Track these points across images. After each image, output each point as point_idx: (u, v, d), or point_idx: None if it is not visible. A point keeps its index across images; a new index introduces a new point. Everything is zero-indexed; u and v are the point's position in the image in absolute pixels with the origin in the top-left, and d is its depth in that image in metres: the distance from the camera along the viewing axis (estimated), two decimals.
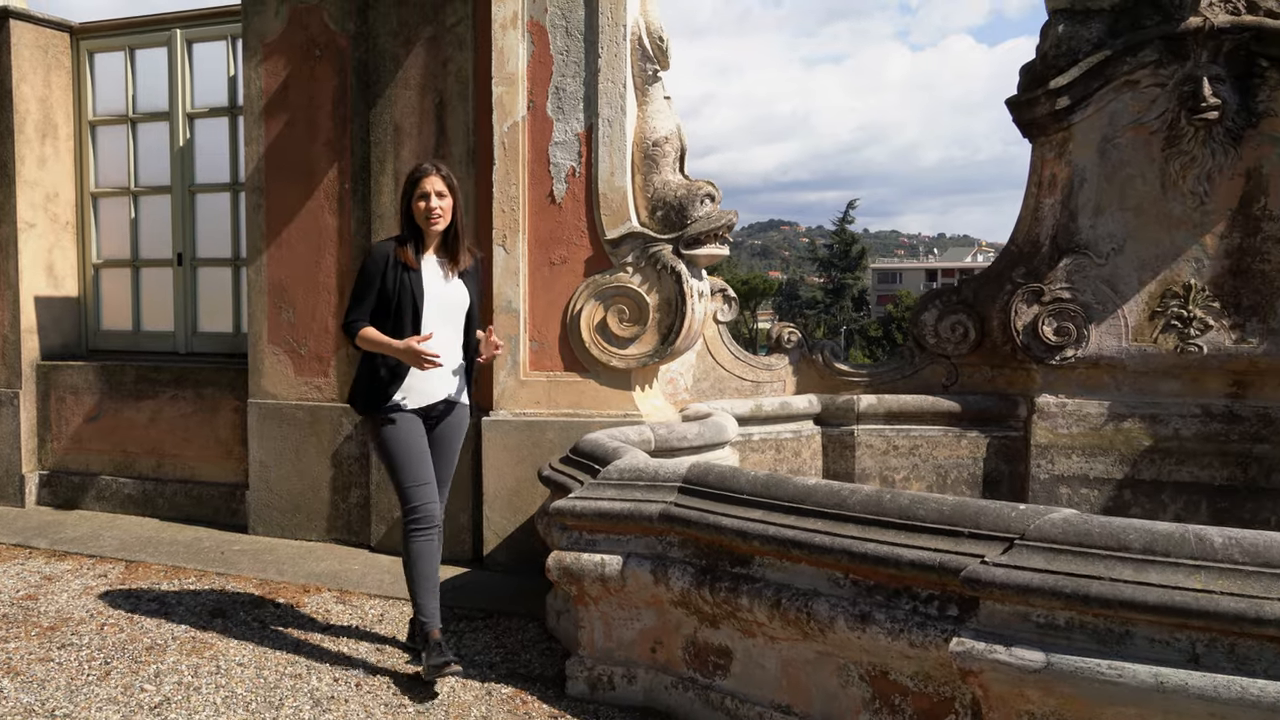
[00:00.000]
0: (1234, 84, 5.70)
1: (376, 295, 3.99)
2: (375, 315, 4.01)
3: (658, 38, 5.41)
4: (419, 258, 4.04)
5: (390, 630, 4.66)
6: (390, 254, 4.03)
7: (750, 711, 3.54)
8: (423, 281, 4.01)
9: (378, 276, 3.99)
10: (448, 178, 4.06)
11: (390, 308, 3.99)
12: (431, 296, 4.02)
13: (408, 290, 3.98)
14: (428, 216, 4.01)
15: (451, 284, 4.10)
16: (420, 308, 3.98)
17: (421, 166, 4.10)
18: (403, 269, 4.00)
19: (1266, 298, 5.70)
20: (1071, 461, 6.06)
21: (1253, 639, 2.64)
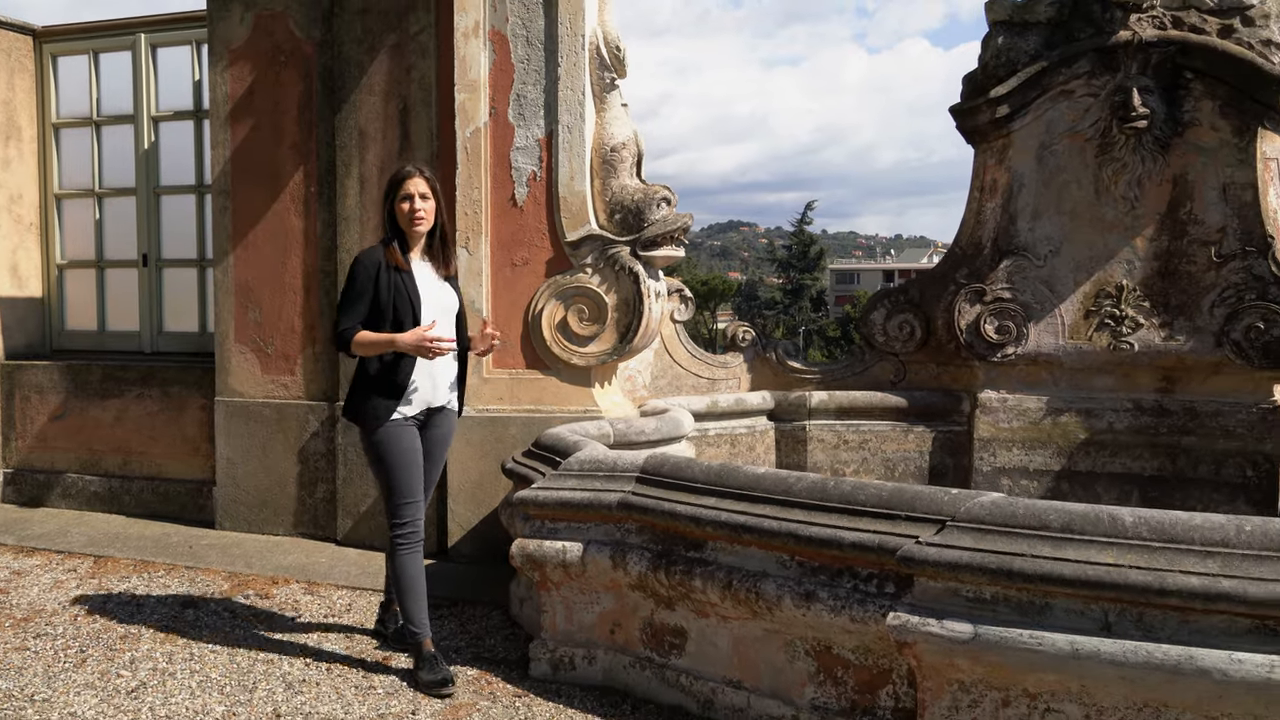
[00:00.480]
0: (1162, 95, 6.00)
1: (370, 301, 3.96)
2: (369, 321, 3.98)
3: (615, 47, 5.62)
4: (407, 259, 4.04)
5: (358, 619, 4.82)
6: (380, 259, 4.01)
7: (704, 687, 3.76)
8: (416, 283, 4.02)
9: (370, 282, 3.96)
10: (431, 180, 4.08)
11: (386, 312, 3.96)
12: (428, 297, 4.04)
13: (403, 292, 3.97)
14: (411, 218, 4.01)
15: (443, 286, 4.13)
16: (419, 309, 3.98)
17: (404, 169, 4.10)
18: (395, 272, 3.99)
19: (1193, 297, 6.01)
20: (1012, 454, 6.34)
21: (1158, 608, 2.89)
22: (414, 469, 4.07)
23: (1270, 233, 5.82)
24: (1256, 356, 5.82)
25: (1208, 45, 5.86)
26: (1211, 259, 5.95)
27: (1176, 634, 2.87)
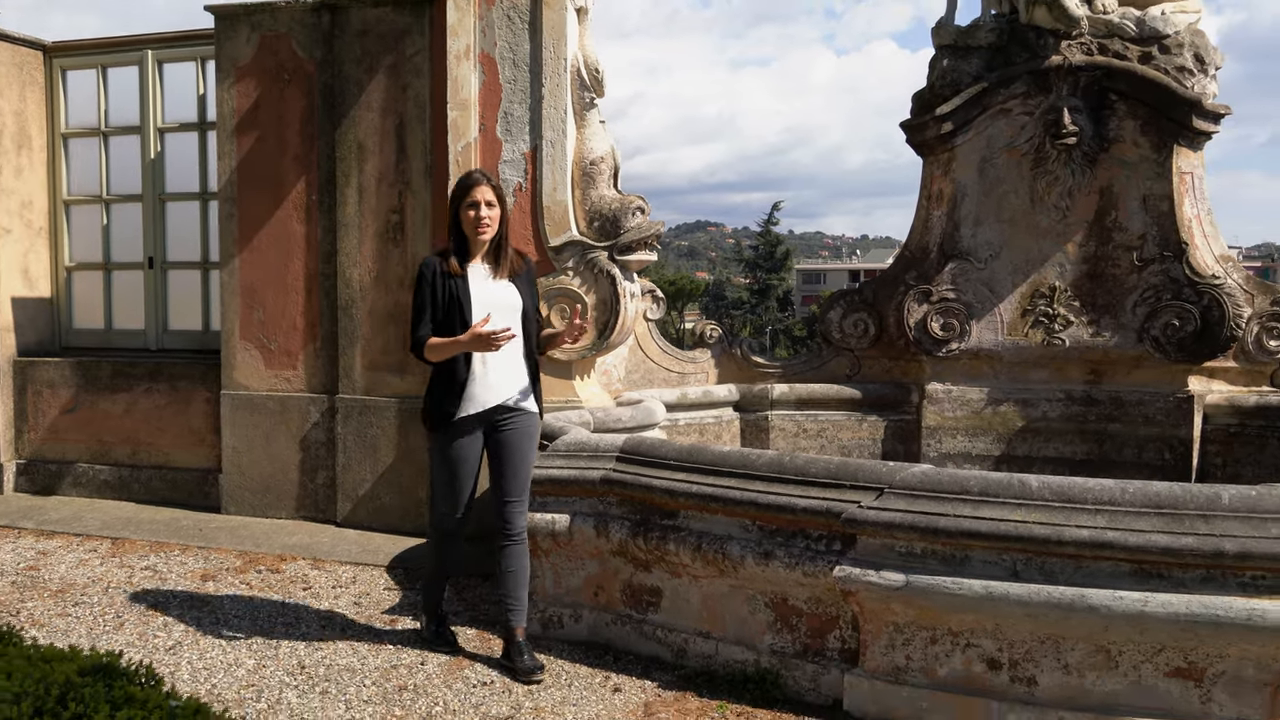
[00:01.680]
0: (1089, 114, 6.61)
1: (433, 307, 4.11)
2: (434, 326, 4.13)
3: (594, 69, 6.15)
4: (465, 266, 4.15)
5: (363, 590, 5.33)
6: (436, 266, 4.14)
7: (677, 639, 4.31)
8: (469, 286, 4.13)
9: (428, 290, 4.12)
10: (497, 188, 4.18)
11: (440, 316, 4.11)
12: (479, 298, 4.12)
13: (454, 297, 4.10)
14: (476, 225, 4.12)
15: (500, 285, 4.19)
16: (467, 310, 4.09)
17: (471, 175, 4.20)
18: (448, 277, 4.12)
19: (1117, 297, 6.63)
20: (957, 441, 6.94)
21: (1056, 556, 3.48)
22: (465, 473, 4.21)
23: (1184, 239, 6.45)
24: (1173, 351, 6.45)
25: (1130, 70, 6.49)
26: (1134, 263, 6.58)
27: (1072, 577, 3.45)
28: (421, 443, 6.24)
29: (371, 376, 6.39)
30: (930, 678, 3.69)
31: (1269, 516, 3.34)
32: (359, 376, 6.41)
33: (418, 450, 6.26)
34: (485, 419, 4.20)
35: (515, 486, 4.27)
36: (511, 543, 4.26)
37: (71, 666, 2.29)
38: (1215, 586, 3.33)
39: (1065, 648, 3.51)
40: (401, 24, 6.21)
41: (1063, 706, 3.50)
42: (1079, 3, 6.64)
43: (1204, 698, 3.38)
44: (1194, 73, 6.49)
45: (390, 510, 6.36)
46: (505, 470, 4.25)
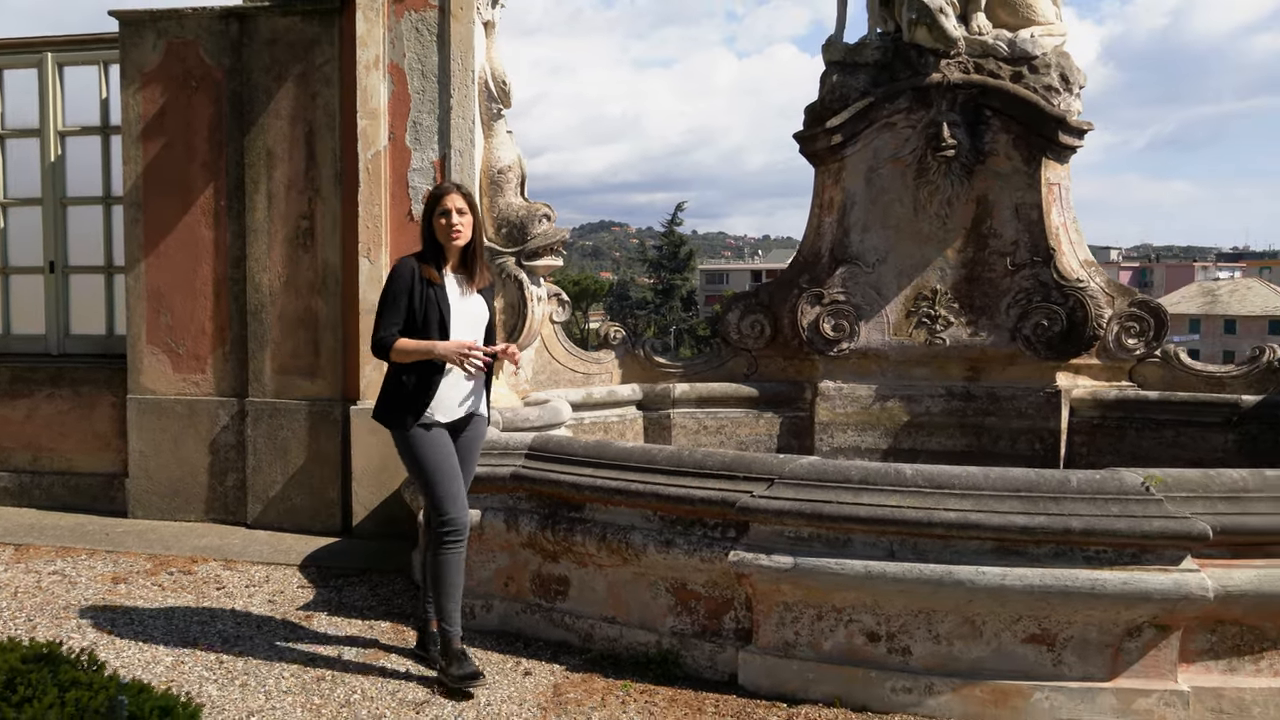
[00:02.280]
0: (967, 128, 7.07)
1: (405, 310, 4.10)
2: (406, 327, 4.11)
3: (501, 82, 6.37)
4: (440, 273, 4.17)
5: (277, 588, 5.46)
6: (414, 270, 4.13)
7: (584, 625, 4.56)
8: (447, 295, 4.14)
9: (404, 293, 4.09)
10: (468, 196, 4.20)
11: (418, 321, 4.09)
12: (457, 309, 4.16)
13: (434, 304, 4.09)
14: (449, 232, 4.13)
15: (471, 299, 4.23)
16: (448, 320, 4.10)
17: (443, 185, 4.25)
18: (427, 284, 4.11)
19: (993, 300, 7.11)
20: (847, 435, 7.34)
21: (927, 537, 3.84)
22: (449, 467, 4.17)
23: (1053, 246, 6.96)
24: (1042, 349, 6.95)
25: (1002, 88, 6.97)
26: (1007, 267, 7.07)
27: (941, 556, 3.82)
28: (333, 444, 6.39)
29: (282, 380, 6.49)
30: (817, 651, 4.02)
31: (1109, 498, 3.75)
32: (269, 380, 6.51)
33: (329, 452, 6.39)
34: (452, 425, 4.23)
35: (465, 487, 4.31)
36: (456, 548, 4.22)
37: (14, 656, 2.43)
38: (1064, 560, 3.73)
39: (936, 620, 3.87)
40: (310, 34, 6.34)
41: (934, 673, 3.87)
42: (957, 24, 7.10)
43: (1055, 660, 3.78)
44: (1060, 91, 7.00)
45: (301, 511, 6.47)
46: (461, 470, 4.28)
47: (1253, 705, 3.73)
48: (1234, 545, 3.71)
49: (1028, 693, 3.78)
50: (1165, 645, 3.74)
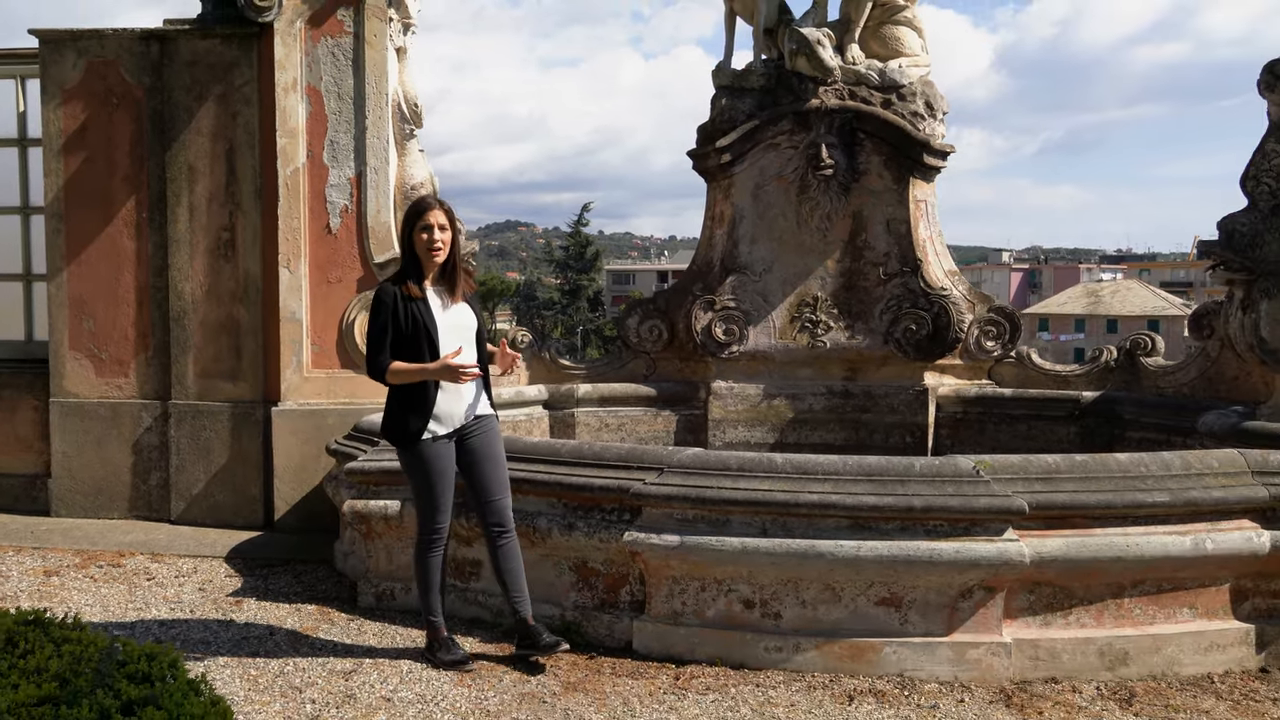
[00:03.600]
0: (844, 149, 7.75)
1: (394, 331, 4.26)
2: (397, 349, 4.27)
3: (414, 104, 6.82)
4: (421, 288, 4.32)
5: (205, 578, 5.83)
6: (396, 291, 4.28)
7: (496, 602, 5.05)
8: (432, 309, 4.30)
9: (390, 315, 4.25)
10: (449, 212, 4.34)
11: (405, 340, 4.25)
12: (442, 321, 4.31)
13: (419, 320, 4.24)
14: (429, 247, 4.27)
15: (455, 308, 4.38)
16: (434, 333, 4.27)
17: (424, 200, 4.38)
18: (409, 301, 4.26)
19: (868, 306, 7.80)
20: (738, 431, 7.96)
21: (795, 516, 4.44)
22: (444, 483, 4.38)
23: (920, 257, 7.68)
24: (911, 350, 7.67)
25: (874, 114, 7.66)
26: (880, 276, 7.76)
27: (806, 532, 4.43)
28: (255, 444, 6.76)
29: (204, 383, 6.84)
30: (701, 619, 4.60)
31: (946, 480, 4.42)
32: (192, 383, 6.84)
33: (251, 451, 6.77)
34: (456, 434, 4.42)
35: (496, 485, 4.49)
36: (506, 540, 4.48)
37: (8, 620, 2.85)
38: (908, 534, 4.37)
39: (802, 588, 4.48)
40: (230, 56, 6.70)
41: (801, 633, 4.47)
42: (833, 54, 7.77)
43: (902, 620, 4.42)
44: (925, 117, 7.73)
45: (224, 507, 6.83)
46: (484, 472, 4.47)
47: (1062, 653, 4.42)
48: (1047, 518, 4.40)
49: (879, 648, 4.41)
50: (992, 604, 4.41)
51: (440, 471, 4.37)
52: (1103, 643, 4.44)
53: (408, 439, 4.34)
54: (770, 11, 8.05)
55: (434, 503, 4.41)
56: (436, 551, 4.49)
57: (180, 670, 2.57)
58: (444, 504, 4.43)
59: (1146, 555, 4.40)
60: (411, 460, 4.39)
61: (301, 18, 6.56)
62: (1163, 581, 4.51)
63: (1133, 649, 4.45)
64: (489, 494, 4.49)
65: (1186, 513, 4.47)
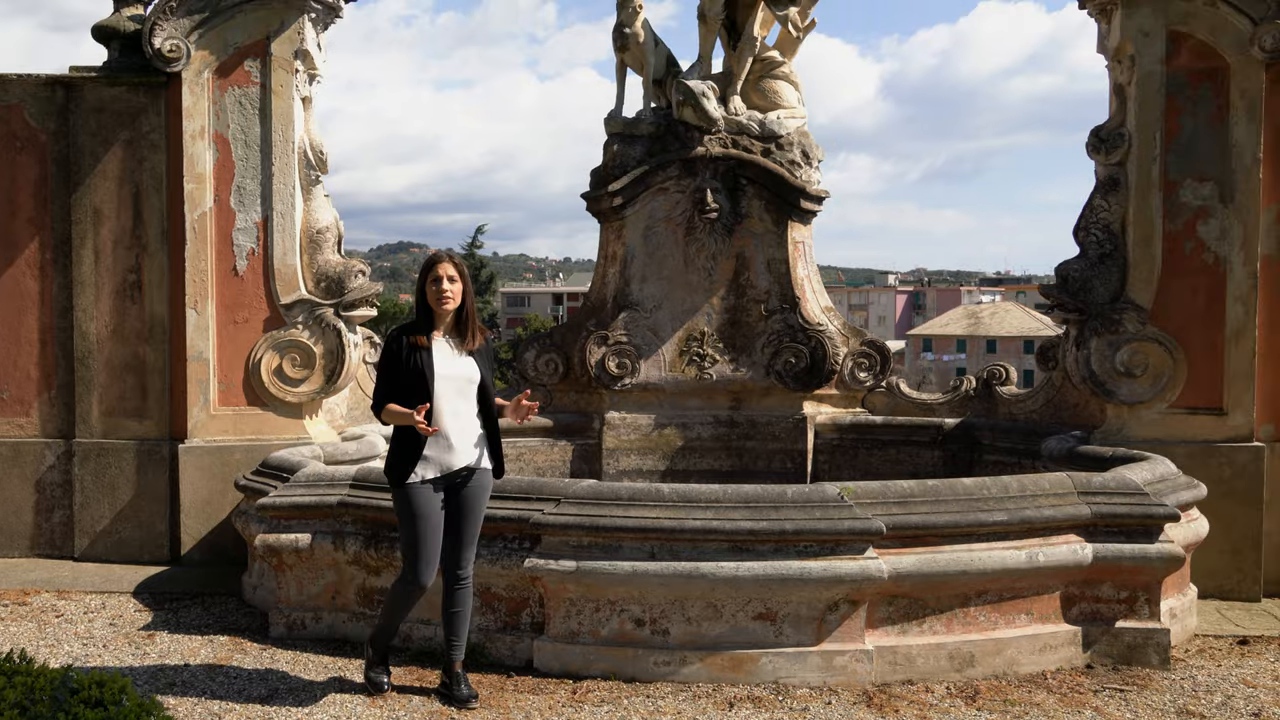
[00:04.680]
0: (727, 194, 8.29)
1: (396, 375, 4.49)
2: (397, 392, 4.48)
3: (319, 151, 7.12)
4: (430, 338, 4.52)
5: (115, 614, 6.00)
6: (403, 339, 4.51)
7: (403, 627, 5.33)
8: (433, 359, 4.49)
9: (393, 360, 4.51)
10: (459, 265, 4.53)
11: (403, 386, 4.46)
12: (442, 372, 4.48)
13: (417, 369, 4.46)
14: (439, 298, 4.47)
15: (462, 360, 4.57)
16: (430, 382, 4.45)
17: (435, 254, 4.58)
18: (415, 350, 4.48)
19: (751, 340, 8.35)
20: (630, 459, 8.41)
21: (680, 541, 4.90)
22: (428, 528, 4.52)
23: (798, 294, 8.26)
24: (791, 382, 8.24)
25: (755, 162, 8.23)
26: (762, 313, 8.32)
27: (691, 555, 4.89)
28: (161, 480, 6.93)
29: (109, 421, 6.98)
30: (596, 637, 5.01)
31: (815, 505, 4.94)
32: (96, 422, 6.98)
33: (157, 487, 6.94)
34: (446, 480, 4.58)
35: (468, 539, 4.68)
36: (460, 586, 4.67)
37: None
38: (782, 555, 4.87)
39: (688, 606, 4.93)
40: (137, 104, 6.90)
41: (687, 648, 4.92)
42: (717, 105, 8.32)
43: (777, 632, 4.91)
44: (802, 165, 8.34)
45: (130, 543, 6.97)
46: (462, 522, 4.64)
47: (918, 658, 4.97)
48: (903, 538, 4.95)
49: (757, 658, 4.89)
50: (856, 616, 4.93)
51: (423, 515, 4.51)
52: (952, 647, 5.01)
53: (397, 480, 4.54)
54: (659, 64, 8.57)
55: (415, 546, 4.54)
56: (413, 594, 4.63)
57: (131, 694, 2.87)
58: (426, 548, 4.54)
59: (988, 568, 4.99)
60: (398, 501, 4.58)
61: (209, 68, 6.81)
62: (1003, 591, 5.10)
63: (978, 652, 5.02)
64: (458, 540, 4.65)
65: (1022, 530, 5.08)
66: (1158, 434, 6.48)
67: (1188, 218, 6.50)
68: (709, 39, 8.52)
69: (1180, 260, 6.51)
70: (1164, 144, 6.50)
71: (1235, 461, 6.36)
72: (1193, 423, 6.49)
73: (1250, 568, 6.33)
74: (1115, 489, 5.30)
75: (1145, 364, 6.55)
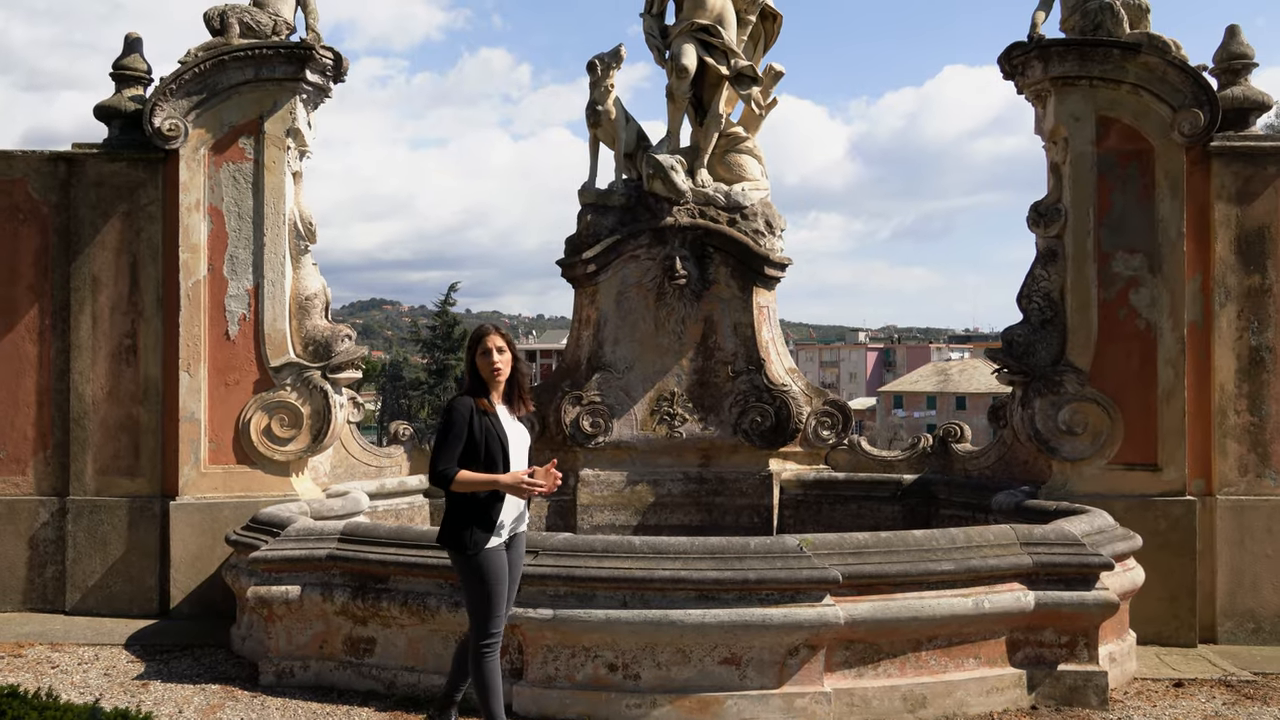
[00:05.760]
0: (696, 262, 8.73)
1: (465, 442, 4.49)
2: (463, 458, 4.48)
3: (308, 223, 7.52)
4: (490, 402, 4.62)
5: (109, 664, 6.24)
6: (471, 405, 4.55)
7: (388, 675, 5.68)
8: (502, 425, 4.61)
9: (465, 426, 4.50)
10: (506, 336, 4.66)
11: (480, 451, 4.49)
12: (512, 437, 4.63)
13: (494, 434, 4.52)
14: (492, 369, 4.58)
15: (517, 425, 4.72)
16: (508, 447, 4.56)
17: (483, 327, 4.67)
18: (483, 415, 4.55)
19: (719, 400, 8.75)
20: (604, 515, 8.74)
21: (651, 590, 5.25)
22: (504, 591, 4.60)
23: (763, 357, 8.69)
24: (758, 440, 8.63)
25: (721, 231, 8.70)
26: (729, 374, 8.73)
27: (660, 604, 5.24)
28: (152, 536, 7.20)
29: (102, 480, 7.26)
30: (571, 681, 5.33)
31: (776, 555, 5.31)
32: (90, 480, 7.26)
33: (148, 543, 7.20)
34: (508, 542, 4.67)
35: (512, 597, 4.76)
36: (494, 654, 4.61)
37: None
38: (746, 602, 5.22)
39: (658, 651, 5.26)
40: (136, 178, 7.29)
41: (657, 691, 5.25)
42: (685, 178, 8.80)
43: (741, 676, 5.25)
44: (765, 234, 8.81)
45: (120, 597, 7.22)
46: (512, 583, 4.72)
47: (873, 699, 5.32)
48: (858, 586, 5.32)
49: (723, 700, 5.22)
50: (815, 660, 5.28)
51: (500, 579, 4.56)
52: (906, 689, 5.36)
53: (471, 548, 4.50)
54: (630, 138, 9.06)
55: (492, 609, 4.56)
56: (493, 656, 4.59)
57: None
58: (501, 610, 4.60)
59: (938, 615, 5.36)
60: (472, 568, 4.54)
61: (205, 145, 7.22)
62: (952, 636, 5.47)
63: (930, 694, 5.38)
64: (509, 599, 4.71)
65: (968, 578, 5.46)
66: (1099, 489, 6.91)
67: (1120, 287, 7.01)
68: (677, 116, 9.02)
69: (1115, 326, 7.01)
70: (1097, 219, 7.04)
71: (1170, 515, 6.80)
72: (1130, 478, 6.93)
73: (1186, 615, 6.74)
74: (1055, 540, 5.70)
75: (1085, 423, 7.00)
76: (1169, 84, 6.96)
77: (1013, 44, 7.35)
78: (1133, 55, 6.96)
